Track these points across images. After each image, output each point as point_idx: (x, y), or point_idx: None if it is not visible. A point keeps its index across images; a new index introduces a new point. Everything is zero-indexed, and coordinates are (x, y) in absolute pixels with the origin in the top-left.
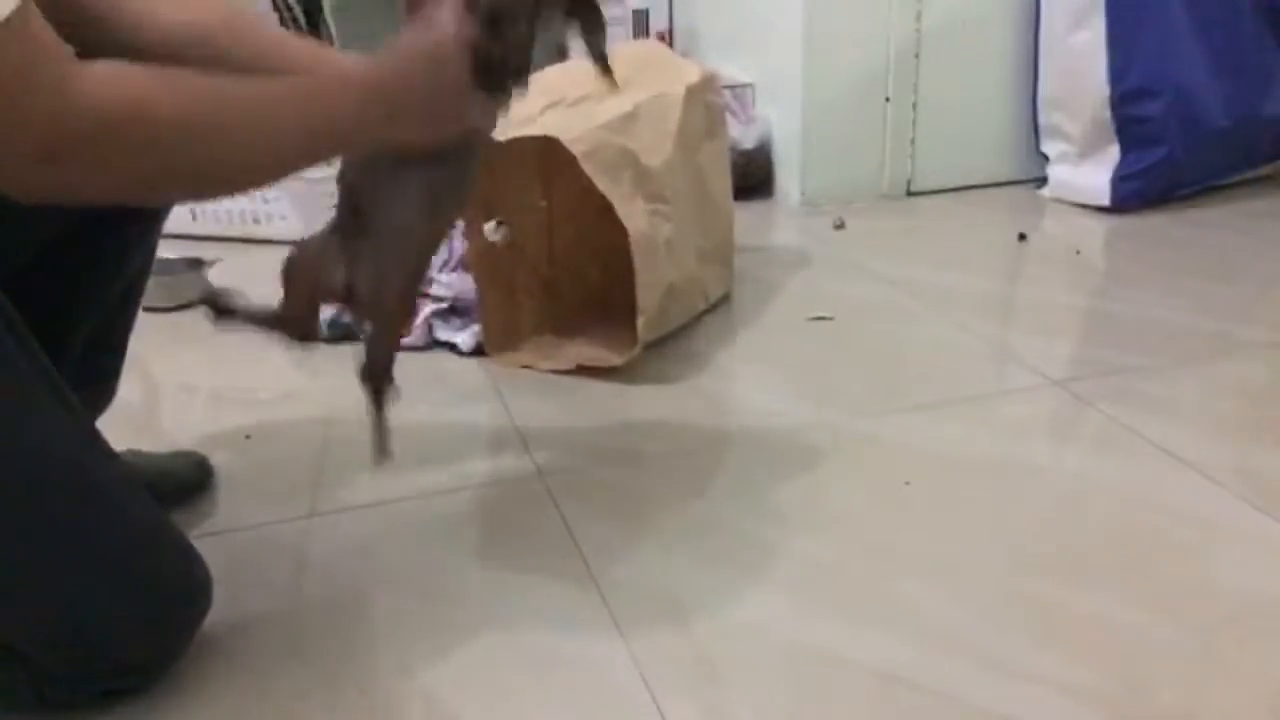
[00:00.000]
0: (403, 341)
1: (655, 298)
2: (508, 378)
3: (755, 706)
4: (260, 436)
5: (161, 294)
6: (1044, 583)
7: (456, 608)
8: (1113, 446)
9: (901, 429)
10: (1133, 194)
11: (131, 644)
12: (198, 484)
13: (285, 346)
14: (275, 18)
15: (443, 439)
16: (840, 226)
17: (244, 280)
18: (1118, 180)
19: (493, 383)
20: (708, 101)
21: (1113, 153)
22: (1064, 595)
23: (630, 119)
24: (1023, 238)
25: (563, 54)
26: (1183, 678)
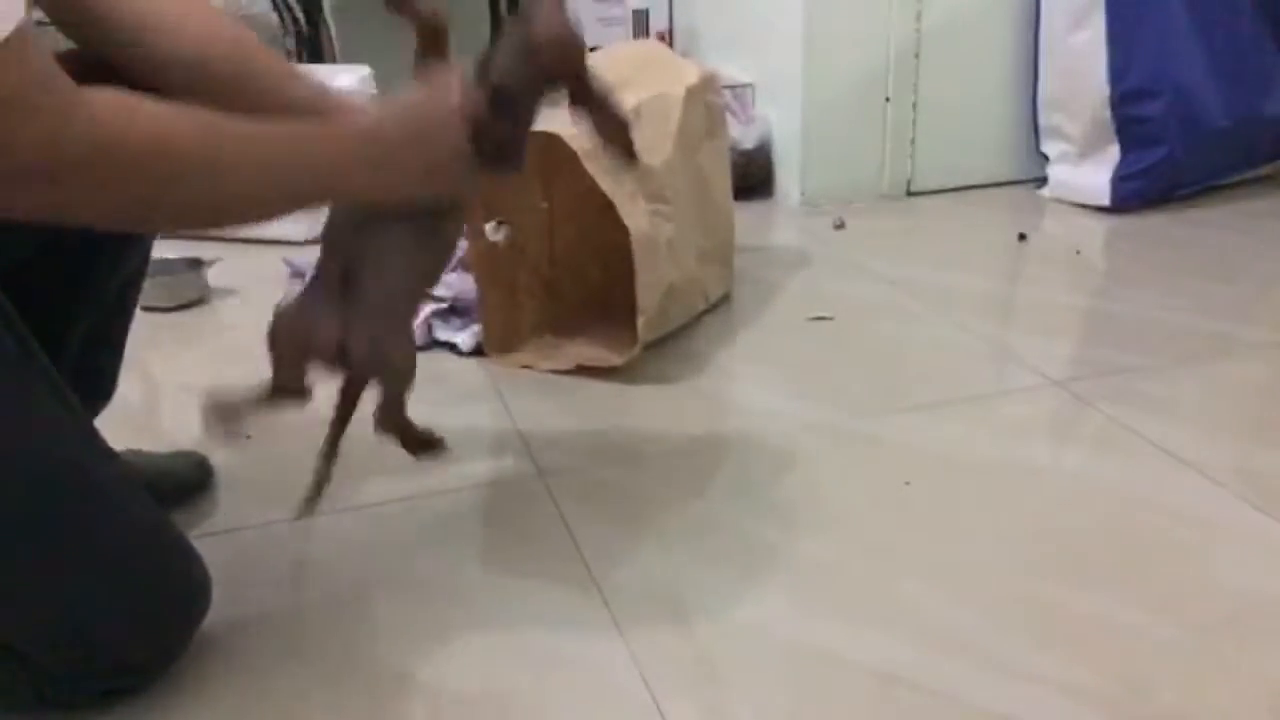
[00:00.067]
0: None
1: (655, 298)
2: (508, 378)
3: (755, 706)
4: (260, 436)
5: (161, 294)
6: (1044, 583)
7: (456, 608)
8: (1113, 446)
9: (901, 429)
10: (1133, 194)
11: (131, 643)
12: (198, 484)
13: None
14: (275, 17)
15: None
16: (840, 226)
17: (244, 280)
18: (1118, 180)
19: (493, 383)
20: (708, 101)
21: (1113, 153)
22: (1064, 595)
23: (632, 118)
24: (1023, 238)
25: None
26: (1183, 678)
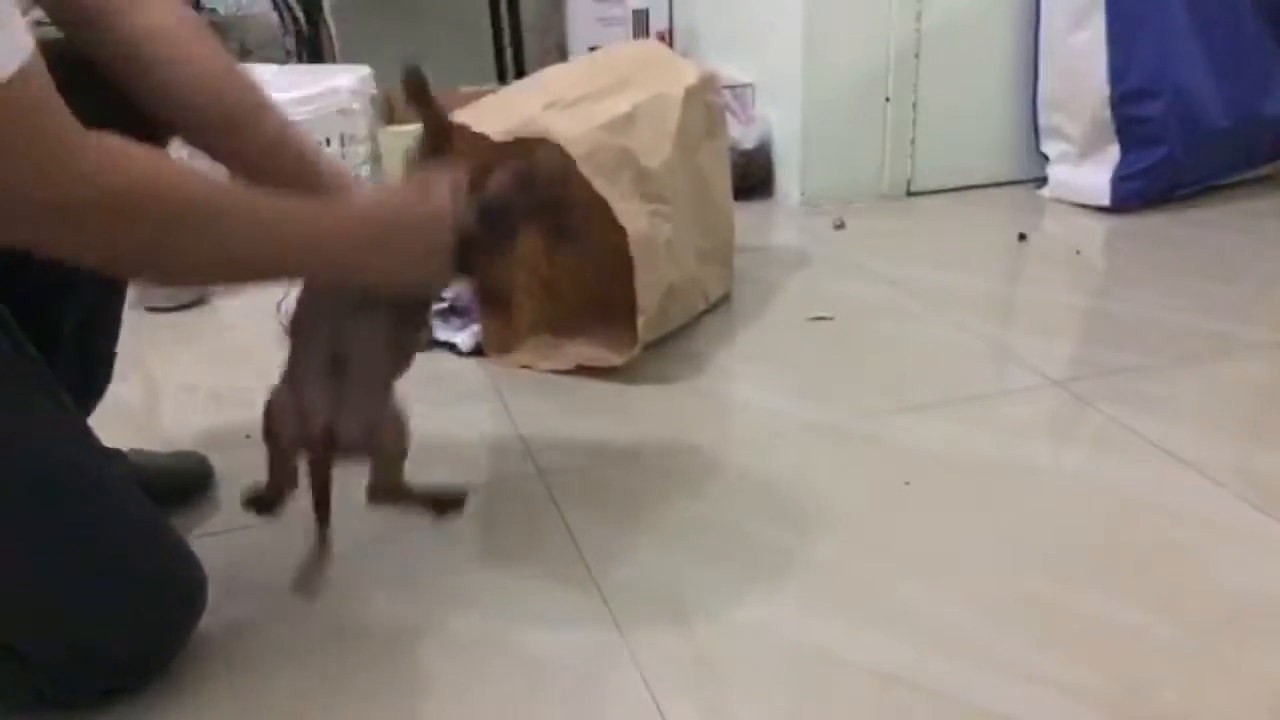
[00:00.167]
0: None
1: (655, 298)
2: (508, 378)
3: (755, 706)
4: (260, 436)
5: (161, 294)
6: (1044, 583)
7: (456, 608)
8: (1113, 446)
9: (901, 429)
10: (1133, 194)
11: (130, 643)
12: (198, 484)
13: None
14: (275, 17)
15: (443, 439)
16: (840, 226)
17: None
18: (1118, 180)
19: (493, 383)
20: (707, 101)
21: (1113, 153)
22: (1064, 595)
23: (629, 119)
24: (1023, 238)
25: (562, 53)
26: (1183, 678)
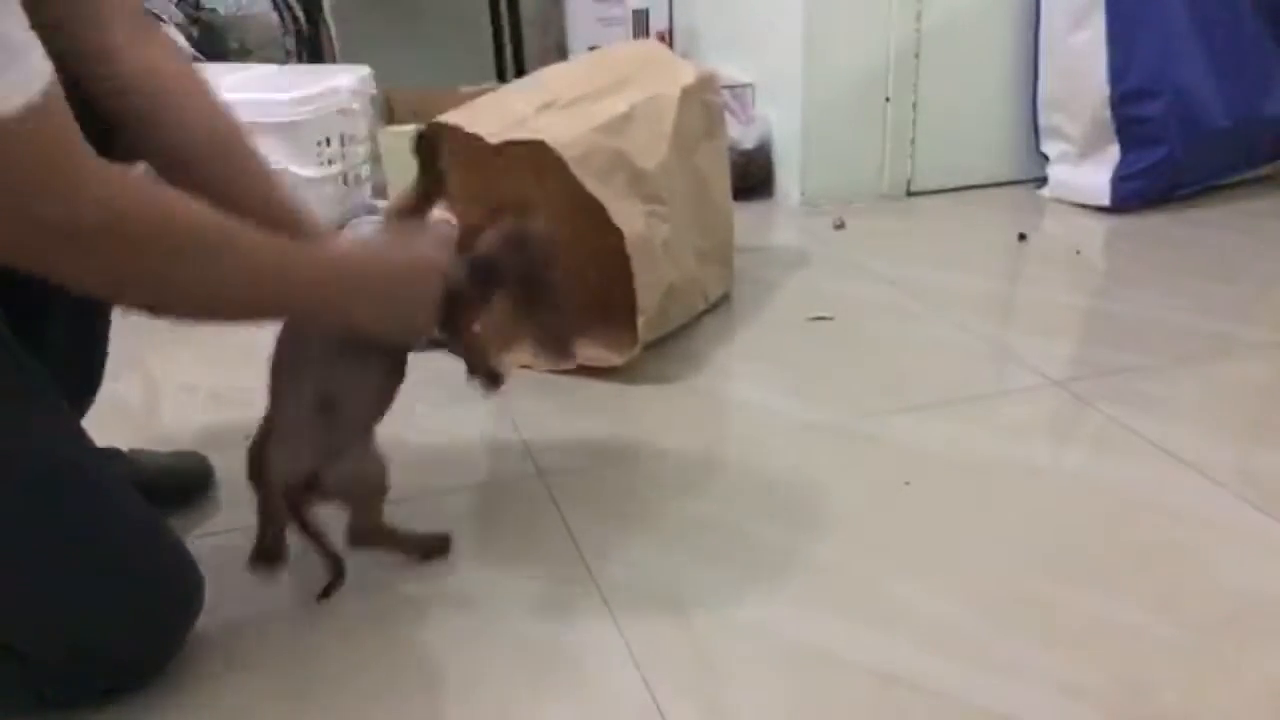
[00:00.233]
0: None
1: (655, 298)
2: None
3: (755, 706)
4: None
5: None
6: (1044, 583)
7: (456, 607)
8: (1112, 446)
9: (901, 429)
10: (1133, 194)
11: (130, 642)
12: (198, 484)
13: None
14: (275, 17)
15: (442, 439)
16: (840, 226)
17: None
18: (1118, 180)
19: None
20: (706, 101)
21: (1113, 153)
22: (1064, 595)
23: (625, 120)
24: (1023, 238)
25: (562, 52)
26: (1183, 678)
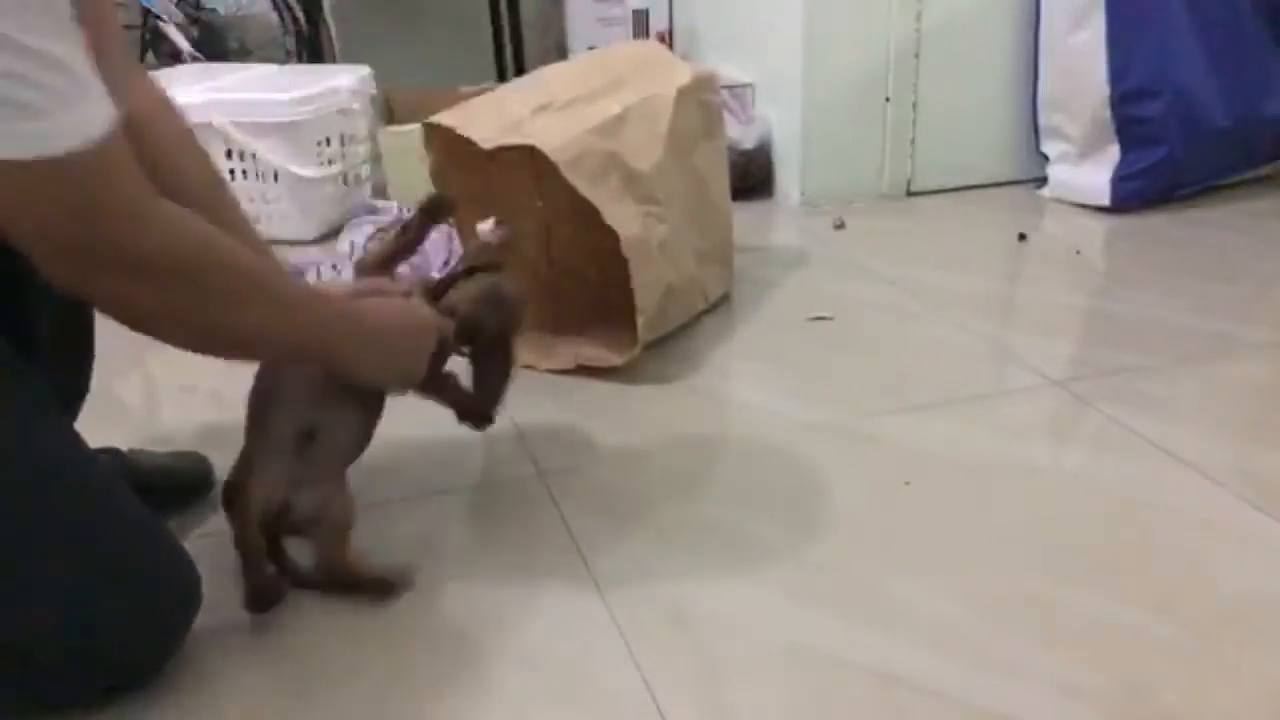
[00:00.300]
0: None
1: (654, 298)
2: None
3: (755, 706)
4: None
5: None
6: (1044, 583)
7: (456, 607)
8: (1112, 446)
9: (901, 429)
10: (1133, 194)
11: (127, 643)
12: (198, 484)
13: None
14: (275, 17)
15: (443, 439)
16: (840, 226)
17: None
18: (1118, 180)
19: None
20: (703, 101)
21: (1113, 153)
22: (1064, 595)
23: (620, 122)
24: (1023, 238)
25: (561, 52)
26: (1183, 678)
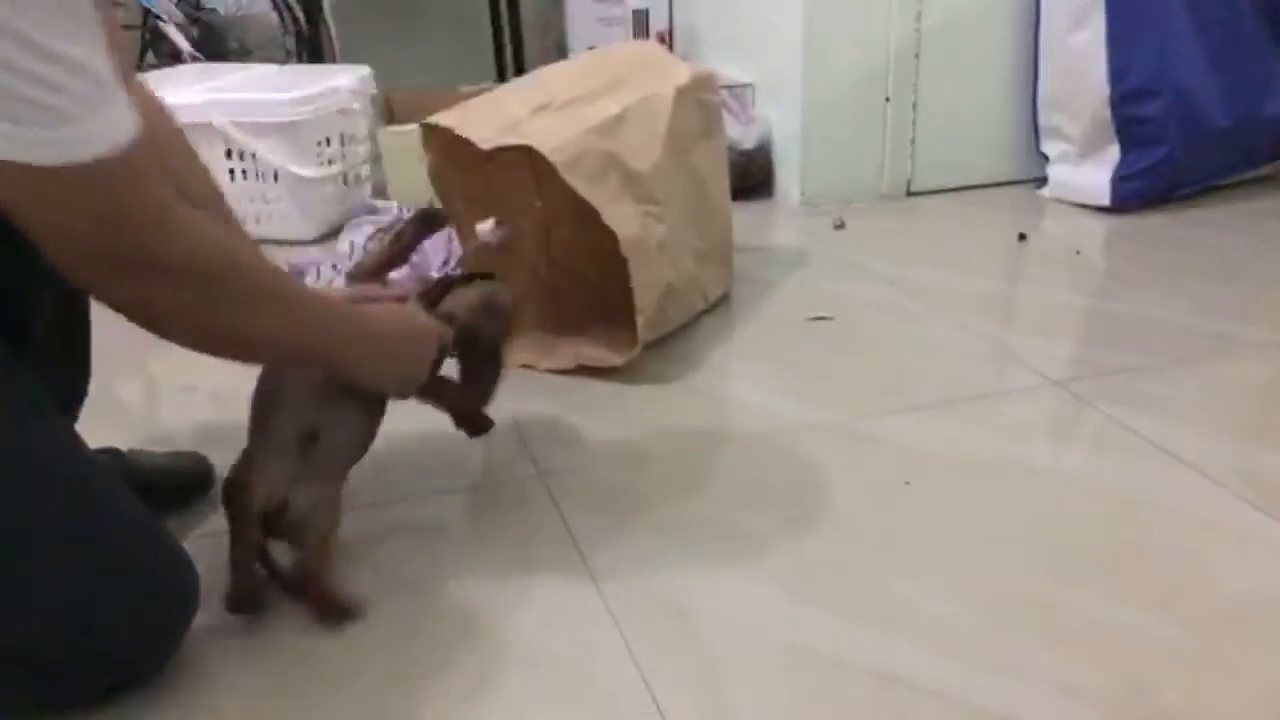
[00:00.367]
0: None
1: (653, 298)
2: (508, 377)
3: (755, 706)
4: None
5: None
6: (1044, 583)
7: (456, 607)
8: (1112, 446)
9: (901, 429)
10: (1133, 194)
11: (127, 643)
12: (198, 484)
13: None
14: (275, 17)
15: (442, 439)
16: (840, 226)
17: None
18: (1118, 180)
19: None
20: (702, 101)
21: (1113, 153)
22: (1064, 595)
23: (618, 122)
24: (1023, 238)
25: (562, 52)
26: (1183, 678)
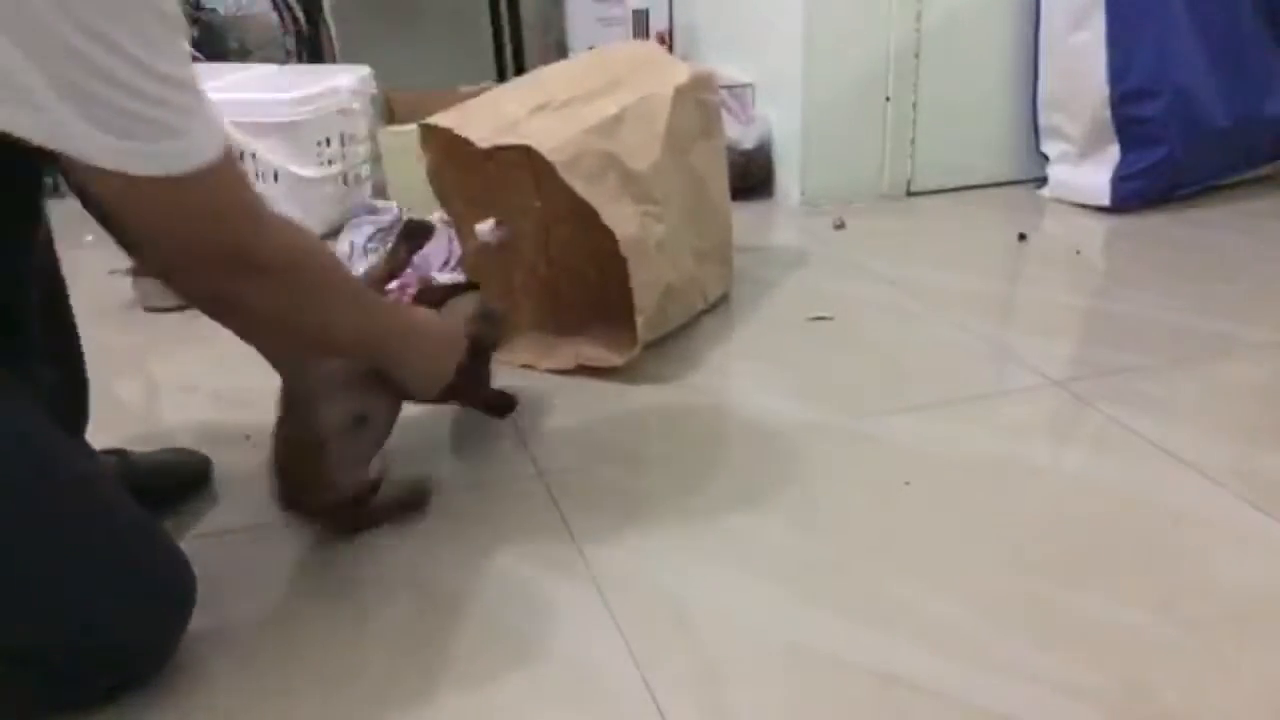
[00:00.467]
0: None
1: (653, 298)
2: (508, 377)
3: (755, 706)
4: (260, 436)
5: (162, 294)
6: (1044, 583)
7: (455, 607)
8: (1112, 447)
9: (901, 429)
10: (1133, 194)
11: (126, 643)
12: (198, 483)
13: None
14: (275, 17)
15: (442, 438)
16: (840, 226)
17: None
18: (1118, 180)
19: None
20: (701, 101)
21: (1113, 153)
22: (1064, 595)
23: (616, 122)
24: (1023, 238)
25: (562, 52)
26: (1183, 678)
